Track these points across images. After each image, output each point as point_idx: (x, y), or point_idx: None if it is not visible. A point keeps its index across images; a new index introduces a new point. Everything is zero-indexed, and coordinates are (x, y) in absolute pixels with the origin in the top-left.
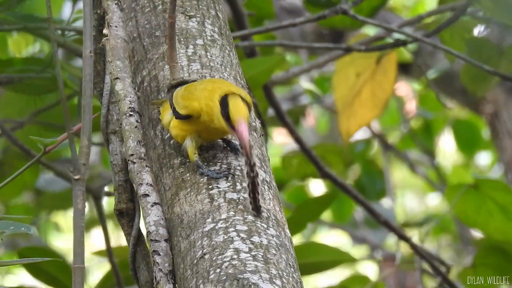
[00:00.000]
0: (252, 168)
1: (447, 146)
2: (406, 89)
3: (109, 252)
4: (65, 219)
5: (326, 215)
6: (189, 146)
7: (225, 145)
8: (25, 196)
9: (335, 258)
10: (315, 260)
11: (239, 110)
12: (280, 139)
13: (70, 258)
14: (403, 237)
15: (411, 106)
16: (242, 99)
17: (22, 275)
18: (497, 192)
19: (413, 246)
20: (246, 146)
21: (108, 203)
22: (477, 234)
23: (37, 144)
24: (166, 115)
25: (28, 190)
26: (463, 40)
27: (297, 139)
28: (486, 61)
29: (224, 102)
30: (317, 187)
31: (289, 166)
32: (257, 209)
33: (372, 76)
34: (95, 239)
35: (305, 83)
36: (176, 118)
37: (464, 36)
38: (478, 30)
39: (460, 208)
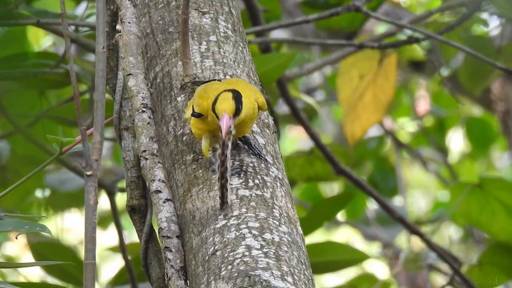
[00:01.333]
0: (223, 162)
1: (460, 144)
2: (425, 105)
3: (122, 249)
4: (80, 214)
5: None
6: (204, 142)
7: (238, 142)
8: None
9: (351, 257)
10: (331, 259)
11: (222, 104)
12: (293, 134)
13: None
14: (417, 233)
15: (424, 105)
16: (250, 99)
17: (32, 269)
18: (502, 191)
19: (427, 242)
20: (223, 135)
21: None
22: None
23: (53, 145)
24: (188, 111)
25: (29, 196)
26: (460, 39)
27: (312, 135)
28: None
29: (216, 98)
30: (329, 185)
31: (293, 167)
32: (222, 204)
33: (374, 80)
34: (109, 236)
35: (306, 97)
36: (191, 115)
37: (461, 35)
38: (485, 28)
39: (464, 207)
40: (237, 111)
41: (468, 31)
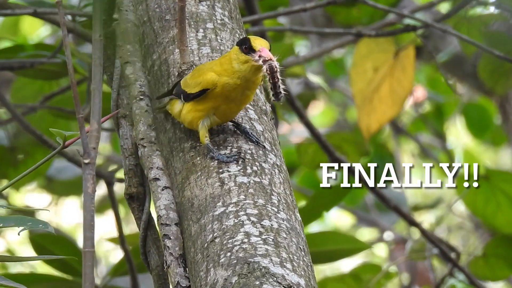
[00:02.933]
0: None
1: (459, 129)
2: (422, 92)
3: (121, 239)
4: (79, 201)
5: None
6: (201, 128)
7: (235, 129)
8: (36, 183)
9: (351, 246)
10: (331, 248)
11: (257, 41)
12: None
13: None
14: (413, 223)
15: (420, 92)
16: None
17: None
18: (508, 184)
19: (423, 232)
20: (270, 57)
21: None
22: None
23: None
24: (176, 106)
25: (40, 176)
26: (480, 34)
27: (307, 124)
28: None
29: (242, 44)
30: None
31: (305, 154)
32: (276, 95)
33: (391, 72)
34: (105, 223)
35: (312, 76)
36: (188, 101)
37: (480, 29)
38: (493, 24)
39: (470, 199)
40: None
41: (487, 26)
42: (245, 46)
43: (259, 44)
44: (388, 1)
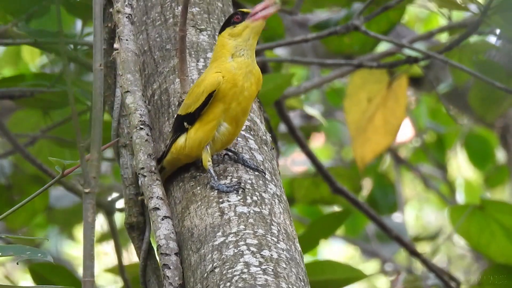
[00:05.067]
0: None
1: (460, 160)
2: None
3: (121, 269)
4: (79, 229)
5: (338, 229)
6: (204, 153)
7: (235, 159)
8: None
9: (349, 275)
10: (329, 277)
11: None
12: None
13: (81, 270)
14: (414, 253)
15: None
16: None
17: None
18: (503, 214)
19: (424, 262)
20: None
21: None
22: None
23: (55, 167)
24: (178, 141)
25: (37, 215)
26: (471, 63)
27: (309, 154)
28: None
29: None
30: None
31: (299, 188)
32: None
33: (384, 102)
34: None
35: (309, 109)
36: (194, 121)
37: (472, 58)
38: (486, 53)
39: (464, 228)
40: None
41: (478, 55)
42: (237, 16)
43: (247, 10)
44: (380, 29)
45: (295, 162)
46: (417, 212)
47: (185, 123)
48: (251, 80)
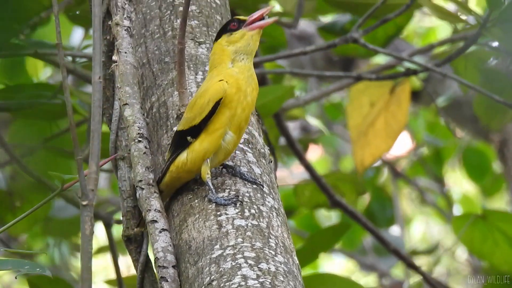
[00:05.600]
0: None
1: (457, 174)
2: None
3: (119, 281)
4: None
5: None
6: (204, 165)
7: (233, 173)
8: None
9: None
10: None
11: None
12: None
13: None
14: (412, 266)
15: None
16: None
17: None
18: (505, 223)
19: (422, 275)
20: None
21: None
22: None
23: (55, 181)
24: (179, 158)
25: (39, 222)
26: (477, 71)
27: (307, 166)
28: (499, 92)
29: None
30: (326, 214)
31: (301, 195)
32: None
33: (386, 107)
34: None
35: (311, 119)
36: (199, 132)
37: (478, 66)
38: (491, 61)
39: (467, 238)
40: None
41: (484, 62)
42: (234, 24)
43: (243, 17)
44: (379, 41)
45: (293, 175)
46: (415, 226)
47: (189, 138)
48: (252, 86)
